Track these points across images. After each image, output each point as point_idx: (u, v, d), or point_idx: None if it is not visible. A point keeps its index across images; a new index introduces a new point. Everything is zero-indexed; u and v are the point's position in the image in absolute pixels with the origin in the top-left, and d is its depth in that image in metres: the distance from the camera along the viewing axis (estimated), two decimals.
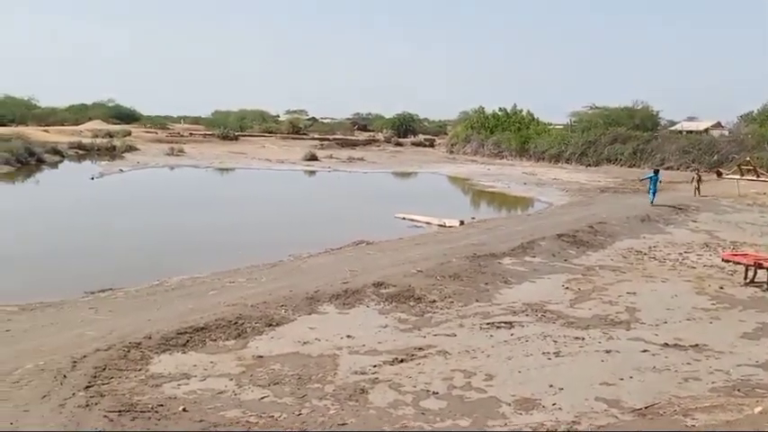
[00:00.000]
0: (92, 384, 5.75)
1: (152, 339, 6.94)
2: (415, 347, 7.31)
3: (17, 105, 62.77)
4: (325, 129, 69.07)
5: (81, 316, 7.98)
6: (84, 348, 6.56)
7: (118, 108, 70.41)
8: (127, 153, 39.95)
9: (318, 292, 9.25)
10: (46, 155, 34.34)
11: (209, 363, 6.58)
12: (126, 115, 68.03)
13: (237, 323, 7.75)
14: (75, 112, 67.74)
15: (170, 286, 9.73)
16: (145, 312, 8.09)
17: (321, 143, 53.00)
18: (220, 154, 41.85)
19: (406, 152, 51.73)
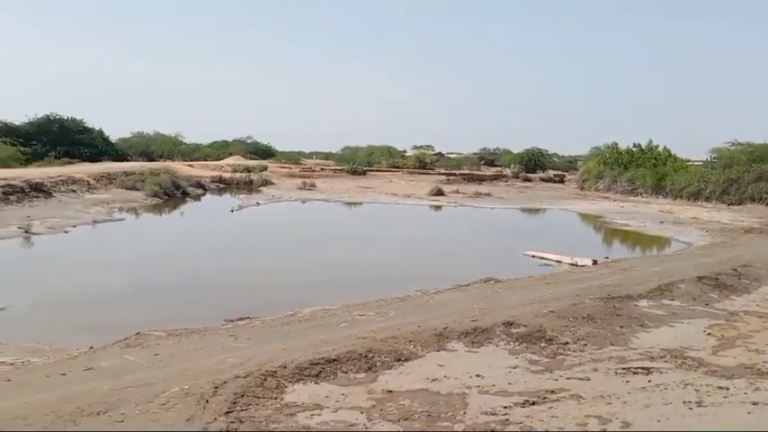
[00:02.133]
0: (231, 410, 5.99)
1: (287, 369, 7.15)
2: (546, 390, 7.10)
3: (165, 142, 67.45)
4: (452, 164, 69.31)
5: (222, 343, 8.37)
6: (225, 374, 6.87)
7: (255, 144, 74.21)
8: (263, 187, 41.80)
9: (447, 328, 9.22)
10: (190, 188, 36.44)
11: (341, 395, 6.70)
12: (262, 151, 71.55)
13: (367, 356, 7.85)
14: (216, 148, 71.97)
15: (303, 317, 10.03)
16: (280, 342, 8.38)
17: (447, 178, 53.18)
18: (349, 188, 42.91)
19: (534, 188, 50.95)
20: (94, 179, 32.42)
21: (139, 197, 31.07)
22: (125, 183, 33.22)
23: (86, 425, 5.54)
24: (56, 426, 5.50)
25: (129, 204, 28.69)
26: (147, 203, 30.27)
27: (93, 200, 27.92)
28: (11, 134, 43.59)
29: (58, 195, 27.25)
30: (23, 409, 5.81)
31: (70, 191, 28.80)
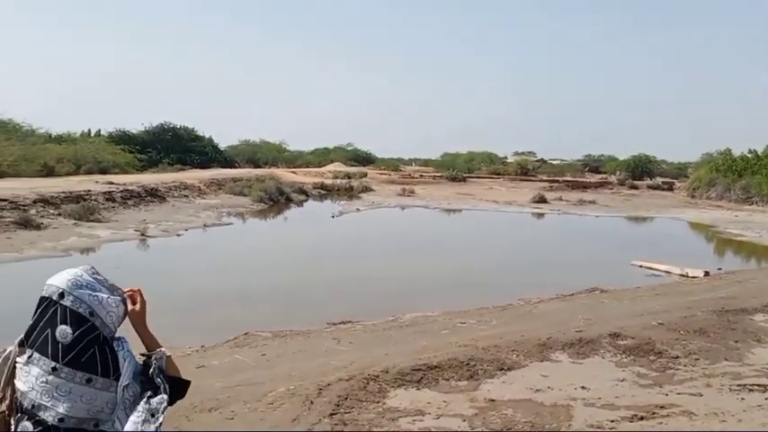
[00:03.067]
0: (335, 412, 6.11)
1: (389, 373, 7.22)
2: (656, 405, 6.84)
3: (270, 149, 69.52)
4: (555, 170, 67.88)
5: (325, 345, 8.55)
6: (329, 377, 7.01)
7: (355, 151, 75.28)
8: (363, 193, 42.36)
9: (551, 338, 9.04)
10: (293, 194, 37.40)
11: (443, 402, 6.69)
12: (362, 158, 72.50)
13: (469, 364, 7.81)
14: (318, 155, 73.55)
15: (404, 322, 10.10)
16: (382, 346, 8.47)
17: (550, 185, 52.16)
18: (449, 195, 42.83)
19: (641, 195, 49.18)
20: (205, 185, 33.81)
21: (246, 202, 32.14)
22: (233, 188, 34.44)
23: (199, 421, 5.78)
24: (170, 421, 5.76)
25: (237, 209, 29.72)
26: (254, 208, 31.27)
27: (204, 205, 29.11)
28: (129, 142, 46.04)
29: (172, 200, 28.57)
30: None
31: (182, 196, 30.14)
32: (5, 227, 18.05)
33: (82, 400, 2.19)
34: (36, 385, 2.18)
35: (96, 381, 2.21)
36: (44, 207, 20.93)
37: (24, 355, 2.23)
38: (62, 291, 2.24)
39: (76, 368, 2.19)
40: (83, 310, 2.23)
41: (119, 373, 2.24)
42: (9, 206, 19.58)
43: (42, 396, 2.17)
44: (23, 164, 32.12)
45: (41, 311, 2.25)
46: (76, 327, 2.21)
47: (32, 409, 2.18)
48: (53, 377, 2.17)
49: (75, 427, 2.19)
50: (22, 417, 2.21)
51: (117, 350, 2.28)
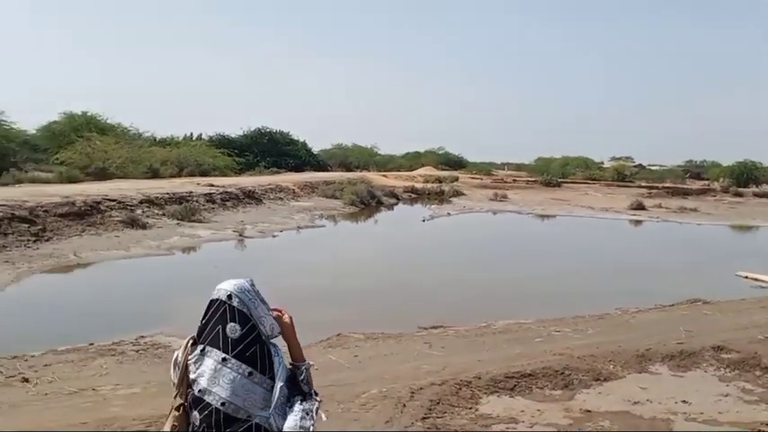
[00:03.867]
0: (428, 416, 6.13)
1: (481, 380, 7.18)
2: (762, 422, 6.52)
3: (362, 153, 70.40)
4: (653, 176, 65.59)
5: (417, 349, 8.59)
6: (421, 381, 7.04)
7: (447, 155, 75.20)
8: (454, 197, 42.20)
9: (650, 350, 8.76)
10: (384, 197, 37.65)
11: (536, 410, 6.60)
12: (454, 162, 72.34)
13: (564, 373, 7.67)
14: (409, 159, 73.89)
15: (497, 329, 10.01)
16: (474, 352, 8.43)
17: (649, 191, 50.37)
18: (542, 200, 42.08)
19: (747, 203, 46.76)
20: (299, 188, 34.56)
21: (338, 205, 32.62)
22: (326, 191, 35.04)
23: None
24: None
25: (329, 212, 30.22)
26: (345, 211, 31.70)
27: (298, 207, 29.75)
28: (228, 146, 47.64)
29: (267, 202, 29.36)
30: None
31: (278, 198, 30.92)
32: (114, 225, 19.04)
33: (242, 391, 2.55)
34: (206, 373, 2.56)
35: (255, 375, 2.59)
36: (149, 207, 21.94)
37: (197, 350, 2.64)
38: (230, 293, 2.64)
39: (242, 361, 2.58)
40: (246, 311, 2.63)
41: (272, 374, 2.62)
42: (117, 206, 20.63)
43: (210, 382, 2.55)
44: (130, 166, 33.81)
45: (213, 311, 2.65)
46: (243, 325, 2.61)
47: (200, 393, 2.56)
48: (222, 366, 2.56)
49: (233, 414, 2.53)
50: (191, 408, 2.59)
51: (273, 355, 2.67)
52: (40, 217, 17.44)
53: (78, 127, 39.95)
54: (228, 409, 2.53)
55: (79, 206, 19.22)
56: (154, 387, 6.82)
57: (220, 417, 2.53)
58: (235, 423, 2.54)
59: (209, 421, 2.54)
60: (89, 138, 35.79)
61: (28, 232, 16.39)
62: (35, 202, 18.26)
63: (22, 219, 16.87)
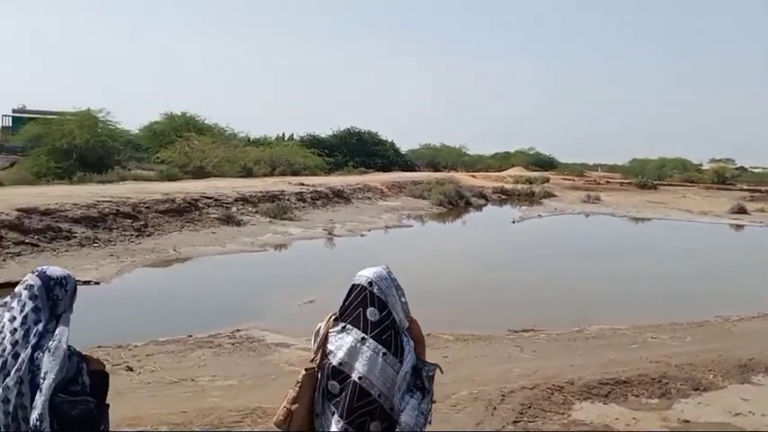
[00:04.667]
0: (519, 420, 6.05)
1: (574, 385, 7.03)
2: None
3: (450, 153, 70.08)
4: (756, 179, 62.34)
5: (507, 352, 8.49)
6: (511, 384, 6.96)
7: (537, 155, 73.95)
8: (544, 199, 41.41)
9: (752, 360, 8.35)
10: (473, 198, 37.37)
11: (632, 418, 6.40)
12: (545, 162, 71.04)
13: (661, 382, 7.40)
14: (498, 159, 73.09)
15: (590, 334, 9.78)
16: (566, 357, 8.26)
17: (751, 195, 47.90)
18: (637, 203, 40.71)
19: None
20: (387, 187, 34.77)
21: (426, 205, 32.62)
22: (413, 191, 35.08)
23: None
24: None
25: (417, 212, 30.26)
26: (433, 211, 31.67)
27: (385, 207, 29.94)
28: (318, 146, 48.49)
29: (356, 201, 29.69)
30: None
31: (366, 198, 31.22)
32: (211, 222, 19.72)
33: (377, 369, 2.87)
34: (345, 348, 2.91)
35: (388, 356, 2.89)
36: (243, 205, 22.59)
37: (338, 326, 2.98)
38: (371, 280, 3.05)
39: (379, 342, 2.89)
40: (384, 298, 2.99)
41: (401, 358, 2.91)
42: (214, 204, 21.36)
43: (349, 357, 2.89)
44: (226, 165, 34.92)
45: (354, 295, 3.04)
46: (381, 311, 2.96)
47: (340, 365, 2.90)
48: (361, 345, 2.90)
49: (367, 389, 2.87)
50: (330, 377, 2.92)
51: (405, 342, 2.97)
52: (142, 213, 18.26)
53: (178, 127, 41.60)
54: (364, 383, 2.86)
55: (178, 203, 20.01)
56: (249, 380, 7.02)
57: (356, 389, 2.85)
58: (367, 398, 2.86)
59: (347, 392, 2.86)
60: (188, 137, 37.21)
61: (131, 227, 17.19)
62: (138, 198, 19.13)
63: (126, 215, 17.71)
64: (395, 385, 2.86)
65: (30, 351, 2.45)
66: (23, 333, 2.49)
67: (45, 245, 14.37)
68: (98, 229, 16.25)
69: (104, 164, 30.76)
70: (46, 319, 2.55)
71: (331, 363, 2.92)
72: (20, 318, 2.51)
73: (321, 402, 2.97)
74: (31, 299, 2.56)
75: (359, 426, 2.86)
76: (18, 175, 26.91)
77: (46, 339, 2.49)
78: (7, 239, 13.79)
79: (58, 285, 2.65)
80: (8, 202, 15.83)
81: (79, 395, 2.51)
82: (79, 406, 2.49)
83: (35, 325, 2.51)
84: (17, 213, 14.85)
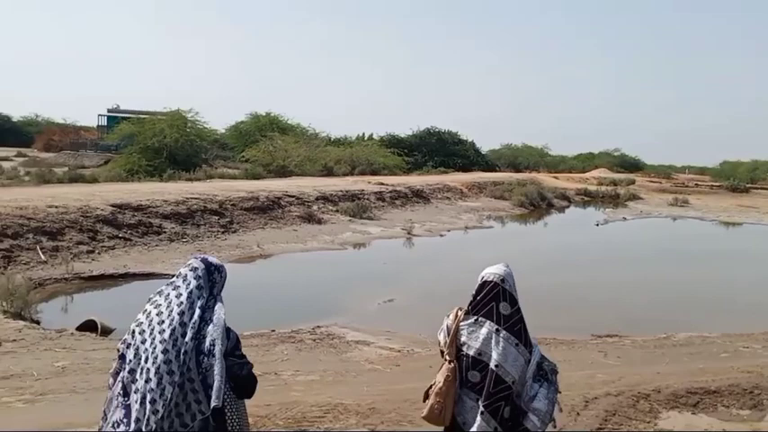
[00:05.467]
0: (603, 427, 5.91)
1: (661, 393, 6.81)
2: None
3: (531, 153, 68.97)
4: None
5: (591, 357, 8.31)
6: (595, 390, 6.80)
7: (622, 157, 71.89)
8: (629, 201, 40.16)
9: None
10: (555, 200, 36.74)
11: (722, 430, 6.17)
12: (630, 164, 68.99)
13: (753, 393, 7.08)
14: (582, 160, 71.44)
15: (677, 341, 9.45)
16: (652, 364, 8.02)
17: None
18: (728, 207, 38.99)
19: None
20: (466, 188, 34.56)
21: (506, 206, 32.27)
22: (494, 192, 34.77)
23: None
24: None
25: (497, 213, 29.99)
26: (514, 213, 31.31)
27: (465, 207, 29.79)
28: (397, 145, 48.61)
29: (435, 201, 29.65)
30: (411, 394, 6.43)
31: (445, 198, 31.13)
32: (293, 220, 20.12)
33: (511, 358, 3.18)
34: (480, 339, 3.22)
35: (520, 346, 3.21)
36: (324, 204, 22.94)
37: (470, 319, 3.28)
38: (503, 278, 3.34)
39: (511, 333, 3.21)
40: (513, 294, 3.32)
41: (530, 349, 3.27)
42: (296, 202, 21.78)
43: (485, 347, 3.20)
44: (308, 164, 35.52)
45: (487, 291, 3.32)
46: (512, 305, 3.28)
47: (478, 356, 3.21)
48: (495, 336, 3.20)
49: (502, 376, 3.16)
50: (469, 367, 3.24)
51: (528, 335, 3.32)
52: (228, 210, 18.81)
53: (262, 127, 42.63)
54: (500, 371, 3.15)
55: (262, 201, 20.50)
56: (330, 376, 7.13)
57: (493, 376, 3.14)
58: (502, 384, 3.15)
59: (486, 379, 3.16)
60: (271, 137, 38.05)
61: (217, 224, 17.73)
62: (224, 196, 19.72)
63: (213, 211, 18.28)
64: (525, 373, 3.19)
65: (197, 320, 2.92)
66: (189, 305, 2.95)
67: (137, 239, 15.01)
68: (186, 224, 16.85)
69: (192, 162, 31.78)
70: (206, 296, 3.02)
71: (469, 354, 3.23)
72: (185, 293, 2.98)
73: (460, 391, 3.25)
74: (195, 279, 3.03)
75: (494, 410, 3.15)
76: (112, 172, 28.15)
77: (207, 313, 2.96)
78: (102, 234, 14.47)
79: (216, 270, 3.12)
80: (103, 197, 16.60)
81: (242, 359, 3.04)
82: (246, 367, 3.03)
83: (198, 300, 2.98)
84: (111, 209, 15.57)
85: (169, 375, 2.81)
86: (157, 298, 3.02)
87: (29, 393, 6.08)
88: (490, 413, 3.14)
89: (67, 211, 14.52)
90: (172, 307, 2.94)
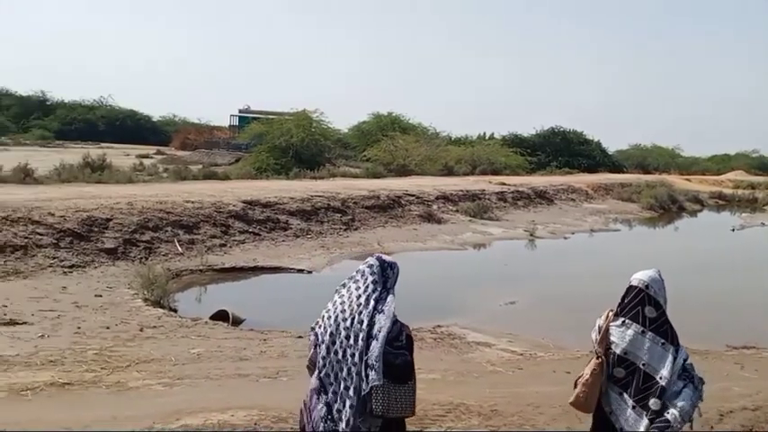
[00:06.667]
0: None
1: None
2: None
3: (662, 154, 65.82)
4: None
5: (726, 369, 7.87)
6: (730, 403, 6.44)
7: (761, 159, 67.63)
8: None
9: None
10: (687, 203, 35.00)
11: None
12: None
13: None
14: (717, 162, 67.65)
15: None
16: None
17: None
18: None
19: None
20: (592, 189, 33.56)
21: (634, 209, 31.10)
22: (621, 194, 33.60)
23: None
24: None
25: (625, 215, 28.94)
26: (642, 216, 30.12)
27: (591, 209, 28.95)
28: (520, 145, 47.83)
29: (559, 203, 28.99)
30: (534, 398, 6.35)
31: (569, 199, 30.36)
32: (412, 219, 20.28)
33: (656, 356, 3.39)
34: (627, 339, 3.45)
35: (666, 345, 3.40)
36: (444, 203, 22.96)
37: (618, 320, 3.50)
38: (647, 284, 3.49)
39: (656, 334, 3.41)
40: (658, 298, 3.47)
41: (677, 347, 3.43)
42: (416, 201, 21.94)
43: (632, 347, 3.43)
44: (428, 163, 35.62)
45: (633, 296, 3.49)
46: (656, 309, 3.45)
47: (624, 354, 3.44)
48: (641, 337, 3.43)
49: (650, 373, 3.38)
50: (615, 364, 3.47)
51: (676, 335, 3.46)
52: (350, 208, 19.21)
53: (384, 126, 43.13)
54: (648, 369, 3.39)
55: (383, 200, 20.79)
56: (451, 376, 7.14)
57: (641, 374, 3.38)
58: (651, 380, 3.37)
59: (634, 376, 3.40)
60: (393, 136, 38.42)
61: (340, 221, 18.16)
62: (346, 194, 20.16)
63: (336, 209, 18.74)
64: (671, 371, 3.36)
65: (371, 310, 3.36)
66: (365, 298, 3.40)
67: (265, 234, 15.64)
68: (311, 221, 17.37)
69: (317, 161, 32.63)
70: (380, 289, 3.45)
71: (615, 352, 3.47)
72: (363, 287, 3.45)
73: (606, 384, 3.51)
74: (371, 274, 3.48)
75: (644, 405, 3.38)
76: (242, 170, 29.40)
77: (380, 304, 3.39)
78: (233, 228, 15.18)
79: (389, 267, 3.54)
80: (235, 194, 17.41)
81: (400, 349, 3.37)
82: (401, 357, 3.35)
83: (373, 293, 3.42)
84: (242, 205, 16.30)
85: (351, 357, 3.31)
86: (342, 290, 3.53)
87: (167, 377, 6.47)
88: (641, 408, 3.39)
89: (202, 207, 15.34)
90: (352, 298, 3.44)
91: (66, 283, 10.37)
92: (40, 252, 11.39)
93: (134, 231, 13.15)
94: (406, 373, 3.37)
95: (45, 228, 12.03)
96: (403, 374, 3.35)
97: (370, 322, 3.33)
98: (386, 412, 3.31)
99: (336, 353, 3.36)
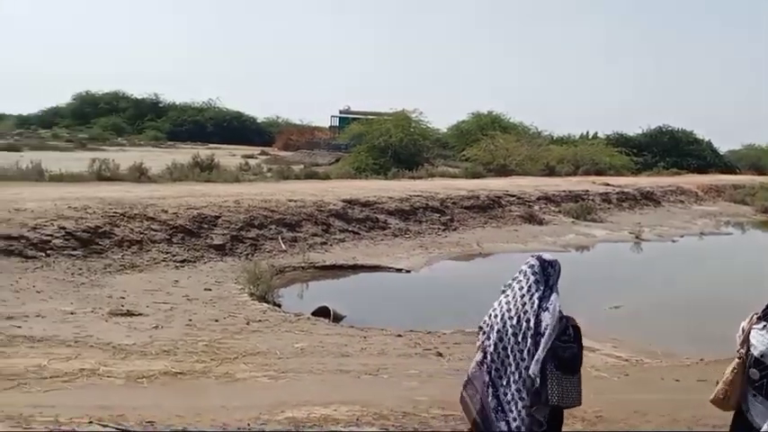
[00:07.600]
0: None
1: None
2: None
3: None
4: None
5: None
6: None
7: None
8: None
9: None
10: None
11: None
12: None
13: None
14: None
15: None
16: None
17: None
18: None
19: None
20: (702, 191, 32.16)
21: (748, 212, 29.58)
22: (733, 196, 32.10)
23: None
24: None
25: (737, 218, 27.55)
26: (756, 219, 28.57)
27: (701, 211, 27.72)
28: (625, 144, 46.28)
29: (666, 205, 27.90)
30: (641, 405, 6.12)
31: (678, 201, 29.19)
32: (513, 220, 20.01)
33: None
34: (767, 344, 3.36)
35: None
36: (546, 204, 22.52)
37: (761, 324, 3.45)
38: None
39: None
40: None
41: None
42: (517, 201, 21.62)
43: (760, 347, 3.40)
44: (529, 163, 35.02)
45: None
46: None
47: (761, 357, 3.38)
48: None
49: None
50: (752, 365, 3.43)
51: None
52: (448, 208, 19.16)
53: (484, 126, 42.73)
54: None
55: (482, 200, 20.61)
56: None
57: None
58: None
59: (765, 379, 3.37)
60: (493, 136, 38.00)
61: (438, 221, 18.14)
62: (445, 194, 20.11)
63: (434, 209, 18.73)
64: None
65: (535, 308, 3.57)
66: (529, 297, 3.62)
67: (364, 233, 15.82)
68: (409, 221, 17.43)
69: (415, 161, 32.68)
70: (543, 288, 3.65)
71: (753, 354, 3.43)
72: (526, 287, 3.66)
73: (744, 385, 3.50)
74: (533, 274, 3.69)
75: None
76: (342, 169, 29.84)
77: (544, 302, 3.60)
78: (334, 227, 15.43)
79: (549, 266, 3.73)
80: (335, 193, 17.69)
81: (567, 343, 3.59)
82: (568, 350, 3.58)
83: (536, 292, 3.63)
84: (342, 204, 16.54)
85: (519, 353, 3.55)
86: (507, 290, 3.75)
87: (273, 370, 6.65)
88: None
89: (305, 205, 15.68)
90: (516, 298, 3.66)
91: (178, 277, 10.86)
92: (155, 247, 11.98)
93: (241, 229, 13.61)
94: (574, 364, 3.60)
95: (159, 224, 12.64)
96: (571, 366, 3.58)
97: (536, 321, 3.55)
98: (560, 401, 3.53)
99: (505, 348, 3.61)
